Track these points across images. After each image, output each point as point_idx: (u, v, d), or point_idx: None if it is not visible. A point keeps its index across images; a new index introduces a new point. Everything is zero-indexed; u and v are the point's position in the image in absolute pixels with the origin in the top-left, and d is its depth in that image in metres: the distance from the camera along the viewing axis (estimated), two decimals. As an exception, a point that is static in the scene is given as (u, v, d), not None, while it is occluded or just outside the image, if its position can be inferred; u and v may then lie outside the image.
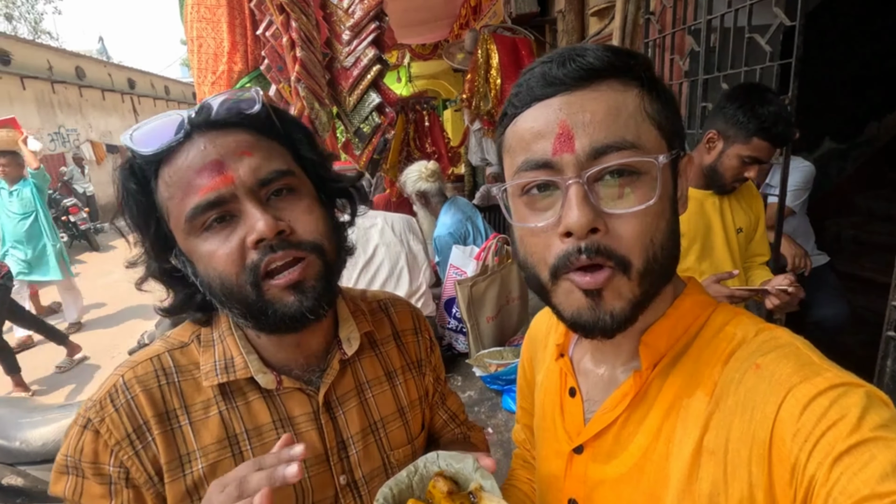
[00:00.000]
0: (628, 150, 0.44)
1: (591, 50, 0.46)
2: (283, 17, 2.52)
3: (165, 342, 0.65)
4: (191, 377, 0.63)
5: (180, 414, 0.60)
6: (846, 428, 0.37)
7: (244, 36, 2.84)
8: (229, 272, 0.56)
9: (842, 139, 4.00)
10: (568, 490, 0.57)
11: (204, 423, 0.61)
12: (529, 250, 0.49)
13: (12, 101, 10.29)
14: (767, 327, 0.48)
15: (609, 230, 0.44)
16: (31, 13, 21.33)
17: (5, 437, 1.73)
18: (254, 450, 0.61)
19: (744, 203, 1.70)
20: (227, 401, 0.62)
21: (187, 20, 2.83)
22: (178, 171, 0.56)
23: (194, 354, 0.64)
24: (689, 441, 0.46)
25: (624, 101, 0.45)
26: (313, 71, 2.60)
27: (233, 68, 2.83)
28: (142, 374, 0.61)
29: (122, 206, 0.60)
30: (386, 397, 0.73)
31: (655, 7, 2.31)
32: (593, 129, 0.44)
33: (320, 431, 0.65)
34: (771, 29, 1.67)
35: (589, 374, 0.58)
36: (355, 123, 2.92)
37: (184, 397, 0.61)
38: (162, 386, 0.61)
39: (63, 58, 12.22)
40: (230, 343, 0.64)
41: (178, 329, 0.68)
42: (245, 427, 0.62)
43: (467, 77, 3.46)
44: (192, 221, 0.56)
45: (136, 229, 0.61)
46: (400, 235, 2.10)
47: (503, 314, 1.92)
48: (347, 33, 2.73)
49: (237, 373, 0.62)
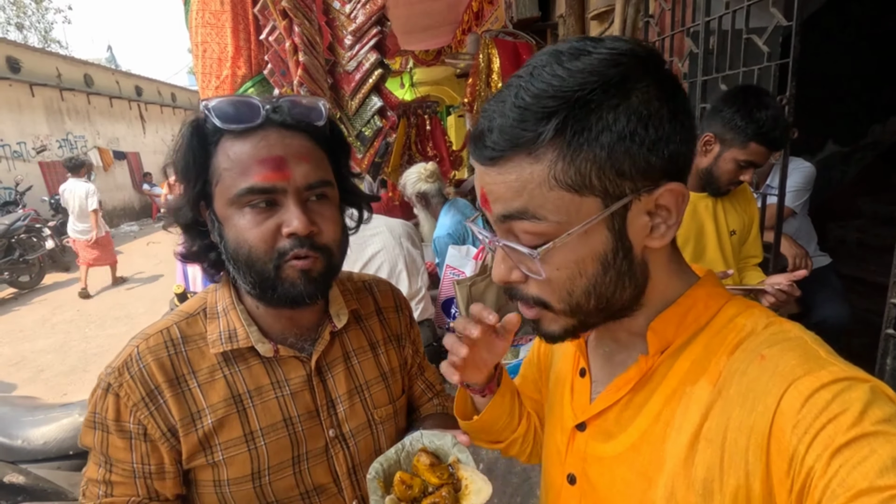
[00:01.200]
0: (528, 221, 0.46)
1: (496, 126, 0.45)
2: (286, 22, 2.55)
3: (175, 315, 0.75)
4: (196, 346, 0.72)
5: (189, 378, 0.70)
6: (847, 421, 0.37)
7: (248, 41, 2.88)
8: (259, 248, 0.66)
9: (845, 142, 3.98)
10: (568, 465, 0.60)
11: (211, 385, 0.71)
12: None
13: (21, 107, 10.43)
14: (778, 321, 0.48)
15: (528, 281, 0.50)
16: (42, 22, 21.69)
17: (7, 435, 1.74)
18: (255, 407, 0.72)
19: (738, 205, 1.71)
20: (231, 366, 0.72)
21: (192, 26, 2.87)
22: (245, 151, 0.65)
23: (200, 325, 0.74)
24: (689, 427, 0.46)
25: (531, 175, 0.44)
26: (316, 75, 2.63)
27: (236, 73, 2.87)
28: (153, 345, 0.70)
29: (177, 155, 0.68)
30: (370, 364, 0.84)
31: (654, 10, 2.33)
32: (498, 201, 0.47)
33: (312, 392, 0.76)
34: (768, 30, 1.68)
35: (600, 357, 0.61)
36: (357, 127, 2.95)
37: (191, 364, 0.71)
38: (171, 355, 0.70)
39: (72, 65, 12.39)
40: (233, 316, 0.73)
41: (187, 302, 0.78)
42: (247, 388, 0.72)
43: (469, 81, 3.48)
44: (241, 197, 0.65)
45: (183, 178, 0.69)
46: (399, 239, 2.13)
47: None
48: (350, 38, 2.76)
49: (240, 342, 0.72)
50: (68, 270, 8.21)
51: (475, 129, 0.48)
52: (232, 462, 0.70)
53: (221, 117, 0.65)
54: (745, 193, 1.72)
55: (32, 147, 10.57)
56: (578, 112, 0.42)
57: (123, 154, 13.92)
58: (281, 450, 0.72)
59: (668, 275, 0.53)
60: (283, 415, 0.73)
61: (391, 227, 2.18)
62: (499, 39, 3.26)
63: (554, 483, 0.63)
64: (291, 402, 0.74)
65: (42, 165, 10.67)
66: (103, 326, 5.49)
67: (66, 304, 6.47)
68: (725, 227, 1.69)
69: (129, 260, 8.95)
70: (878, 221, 3.80)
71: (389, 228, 2.15)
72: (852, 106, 3.86)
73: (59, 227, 8.24)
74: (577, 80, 0.42)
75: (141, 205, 14.49)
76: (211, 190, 0.68)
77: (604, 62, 0.43)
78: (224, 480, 0.70)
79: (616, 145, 0.43)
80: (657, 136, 0.43)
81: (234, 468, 0.70)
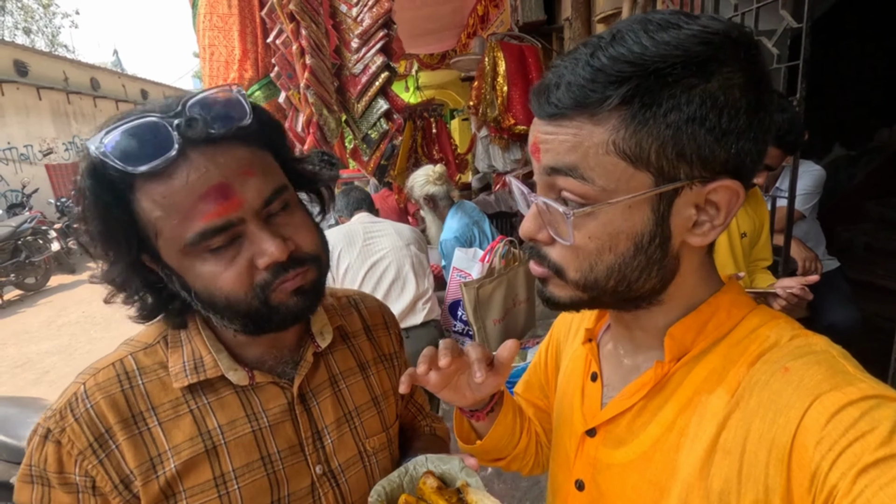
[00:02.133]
0: (574, 179, 0.44)
1: (564, 82, 0.43)
2: (293, 25, 2.56)
3: (129, 345, 0.63)
4: (156, 377, 0.60)
5: (147, 416, 0.58)
6: (875, 441, 0.35)
7: (255, 44, 2.89)
8: (237, 291, 0.56)
9: (852, 145, 3.97)
10: (577, 471, 0.58)
11: (174, 423, 0.59)
12: None
13: (29, 110, 10.51)
14: (804, 333, 0.46)
15: (553, 243, 0.49)
16: (49, 27, 21.87)
17: (14, 436, 1.74)
18: (227, 444, 0.60)
19: (749, 208, 1.71)
20: (198, 398, 0.61)
21: (199, 29, 2.89)
22: (175, 192, 0.52)
23: (160, 355, 0.62)
24: (704, 437, 0.45)
25: (589, 134, 0.43)
26: (322, 78, 2.64)
27: (243, 76, 2.88)
28: (103, 380, 0.59)
29: (87, 219, 0.54)
30: (360, 387, 0.73)
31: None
32: (550, 153, 0.46)
33: (295, 423, 0.65)
34: (777, 32, 1.67)
35: (612, 361, 0.59)
36: (363, 130, 2.95)
37: (150, 398, 0.59)
38: (125, 390, 0.59)
39: (78, 69, 12.50)
40: (198, 343, 0.62)
41: (144, 331, 0.65)
42: (218, 422, 0.60)
43: (474, 84, 3.48)
44: (195, 245, 0.54)
45: (104, 242, 0.55)
46: (407, 241, 2.12)
47: (510, 317, 1.91)
48: (356, 41, 2.77)
49: (207, 372, 0.61)
50: (74, 272, 8.25)
51: (540, 82, 0.46)
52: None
53: (124, 159, 0.51)
54: (756, 196, 1.72)
55: (39, 150, 10.65)
56: (652, 84, 0.40)
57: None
58: (258, 493, 0.61)
59: (697, 278, 0.51)
60: (260, 452, 0.62)
61: (399, 230, 2.17)
62: (504, 43, 3.26)
63: (561, 489, 0.62)
64: (270, 437, 0.63)
65: (48, 168, 10.75)
66: (108, 329, 5.50)
67: (72, 306, 6.50)
68: (737, 229, 1.68)
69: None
70: (885, 225, 3.78)
71: (397, 231, 2.15)
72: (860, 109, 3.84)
73: (64, 230, 8.29)
74: (659, 52, 0.40)
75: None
76: (151, 244, 0.56)
77: (692, 38, 0.40)
78: None
79: (683, 126, 0.41)
80: (728, 128, 0.41)
81: None
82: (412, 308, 2.04)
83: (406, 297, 2.03)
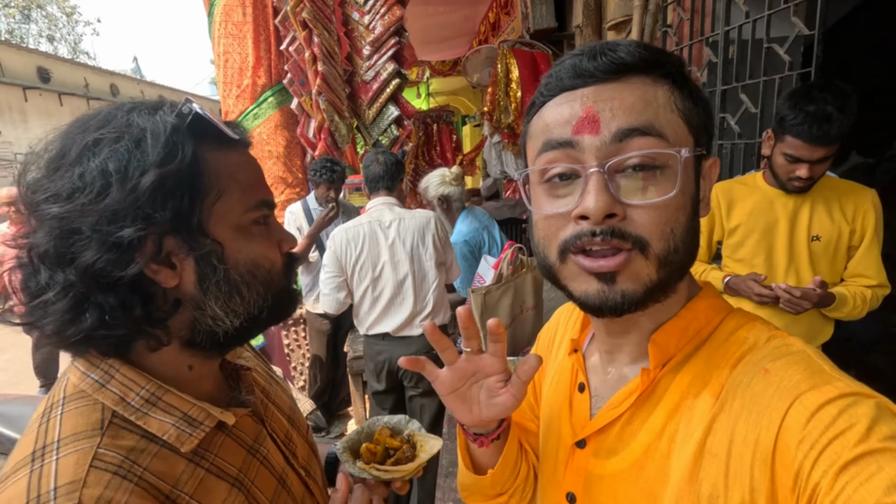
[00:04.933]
0: (654, 138, 0.44)
1: (623, 45, 0.46)
2: (305, 32, 2.60)
3: (75, 451, 0.45)
4: (150, 457, 0.49)
5: (178, 497, 0.50)
6: (854, 437, 0.36)
7: (268, 51, 2.94)
8: (278, 267, 0.59)
9: (869, 153, 3.90)
10: (567, 484, 0.57)
11: (205, 488, 0.53)
12: (542, 233, 0.49)
13: (50, 116, 10.79)
14: (780, 334, 0.47)
15: (626, 217, 0.44)
16: (72, 34, 22.48)
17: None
18: (254, 482, 0.58)
19: (837, 210, 1.52)
20: (204, 456, 0.54)
21: (215, 36, 2.95)
22: (242, 165, 0.56)
23: (131, 431, 0.49)
24: (692, 442, 0.45)
25: (654, 94, 0.45)
26: (334, 84, 2.67)
27: (257, 82, 2.93)
28: (103, 490, 0.44)
29: (160, 164, 0.48)
30: (279, 394, 0.73)
31: (673, 20, 2.32)
32: (621, 113, 0.44)
33: (274, 442, 0.65)
34: (789, 39, 1.66)
35: (599, 371, 0.58)
36: (374, 136, 2.98)
37: (165, 479, 0.49)
38: (139, 484, 0.47)
39: (99, 76, 12.81)
40: (170, 399, 0.52)
41: (65, 426, 0.47)
42: (234, 467, 0.57)
43: (488, 90, 3.50)
44: (253, 211, 0.56)
45: (165, 202, 0.49)
46: (410, 250, 2.01)
47: (517, 324, 1.90)
48: (368, 48, 2.80)
49: (204, 424, 0.53)
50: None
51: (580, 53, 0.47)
52: None
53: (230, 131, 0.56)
54: (857, 199, 1.52)
55: (59, 154, 10.94)
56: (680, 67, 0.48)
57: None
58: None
59: (686, 278, 0.51)
60: (275, 477, 0.62)
61: (415, 225, 2.03)
62: (517, 49, 3.28)
63: (551, 502, 0.61)
64: (272, 462, 0.63)
65: (68, 172, 11.02)
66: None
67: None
68: (807, 230, 1.53)
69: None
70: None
71: (401, 238, 2.02)
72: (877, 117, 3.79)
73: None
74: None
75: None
76: (198, 211, 0.51)
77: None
78: None
79: (701, 102, 0.48)
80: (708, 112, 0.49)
81: None
82: (409, 323, 2.02)
83: (403, 313, 2.01)
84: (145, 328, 0.50)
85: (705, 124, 0.48)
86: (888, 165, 3.93)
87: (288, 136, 3.06)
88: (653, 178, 0.44)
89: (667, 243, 0.45)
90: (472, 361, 0.57)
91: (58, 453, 0.45)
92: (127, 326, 0.49)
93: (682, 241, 0.46)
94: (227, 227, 0.54)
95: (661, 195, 0.44)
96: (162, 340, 0.52)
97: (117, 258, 0.47)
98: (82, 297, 0.48)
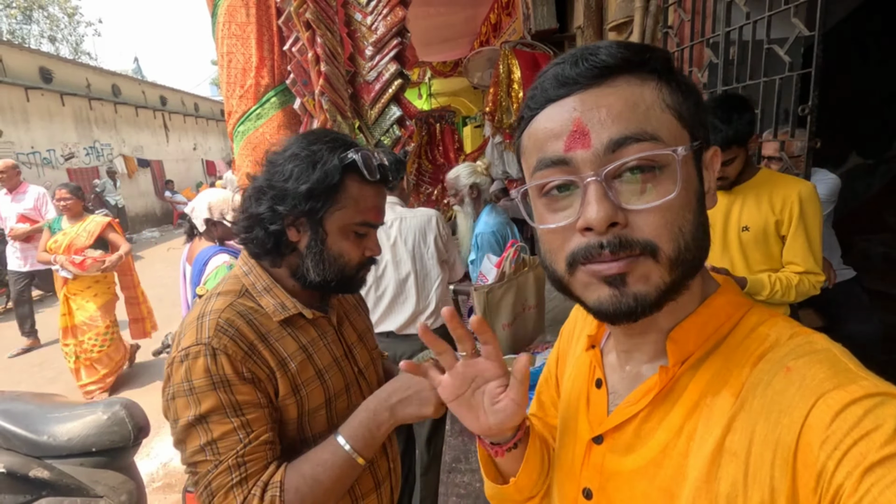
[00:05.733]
0: (648, 142, 0.43)
1: (603, 47, 0.45)
2: (309, 33, 2.61)
3: (223, 297, 0.89)
4: (258, 315, 0.88)
5: (267, 336, 0.87)
6: (881, 438, 0.35)
7: (271, 51, 2.95)
8: (354, 264, 0.94)
9: (869, 154, 3.91)
10: (584, 479, 0.57)
11: (283, 341, 0.89)
12: (548, 247, 0.49)
13: (52, 116, 10.81)
14: (803, 331, 0.46)
15: (630, 224, 0.44)
16: (73, 35, 22.51)
17: (34, 431, 1.78)
18: (315, 353, 0.93)
19: (765, 203, 1.62)
20: (288, 327, 0.91)
21: (218, 37, 2.96)
22: (369, 195, 0.92)
23: (251, 301, 0.90)
24: (711, 440, 0.45)
25: (641, 95, 0.44)
26: (337, 85, 2.68)
27: (260, 82, 2.94)
28: (231, 315, 0.85)
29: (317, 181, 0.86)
30: (358, 319, 1.11)
31: (674, 21, 2.33)
32: (610, 122, 0.43)
33: (340, 340, 1.01)
34: (790, 40, 1.67)
35: (616, 368, 0.58)
36: (376, 136, 2.99)
37: (263, 327, 0.87)
38: (249, 321, 0.86)
39: (100, 76, 12.83)
40: (277, 293, 0.92)
41: (223, 287, 0.92)
42: (306, 340, 0.93)
43: (490, 91, 3.52)
44: (357, 226, 0.91)
45: (308, 200, 0.86)
46: (412, 250, 2.02)
47: (519, 322, 1.91)
48: (370, 49, 2.82)
49: (290, 311, 0.91)
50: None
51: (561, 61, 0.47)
52: (312, 394, 0.90)
53: (369, 172, 0.90)
54: (787, 191, 1.60)
55: (61, 154, 10.93)
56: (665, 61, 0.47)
57: (147, 162, 14.30)
58: (338, 382, 0.95)
59: (701, 276, 0.50)
60: (332, 357, 0.96)
61: (417, 224, 2.04)
62: (518, 50, 3.29)
63: (568, 497, 0.60)
64: (332, 348, 0.97)
65: (70, 172, 11.01)
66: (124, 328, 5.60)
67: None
68: (737, 222, 1.65)
69: (150, 265, 9.13)
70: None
71: (403, 237, 2.03)
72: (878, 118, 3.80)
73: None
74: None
75: (162, 211, 14.81)
76: (322, 214, 0.89)
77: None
78: (307, 411, 0.89)
79: (691, 92, 0.47)
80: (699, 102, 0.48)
81: (313, 399, 0.90)
82: (413, 321, 2.03)
83: (406, 311, 2.02)
84: (274, 253, 0.92)
85: (697, 115, 0.47)
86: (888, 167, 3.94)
87: (291, 136, 3.09)
88: (652, 178, 0.44)
89: (677, 243, 0.44)
90: (470, 366, 0.56)
91: (216, 298, 0.88)
92: (267, 248, 0.91)
93: (692, 239, 0.45)
94: (335, 226, 0.90)
95: (663, 196, 0.43)
96: (280, 263, 0.93)
97: (272, 216, 0.89)
98: (250, 227, 0.91)
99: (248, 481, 0.78)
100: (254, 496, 0.77)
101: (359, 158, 0.88)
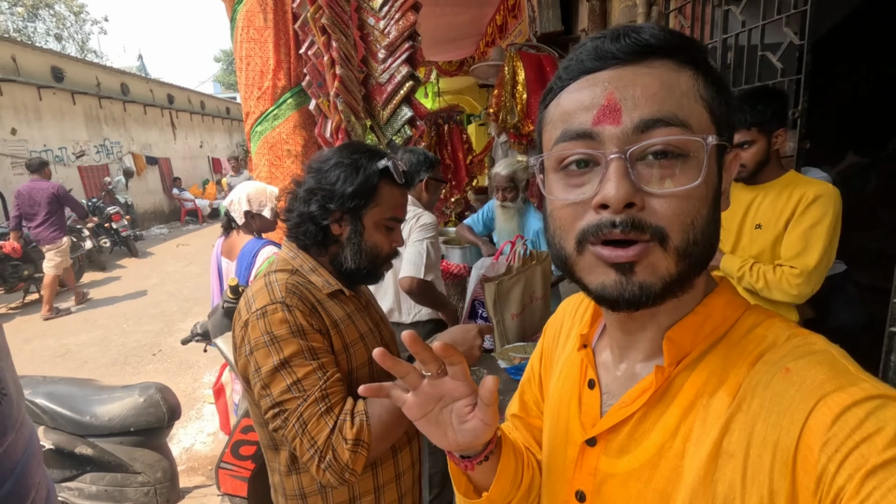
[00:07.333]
0: (678, 128, 0.42)
1: (647, 28, 0.45)
2: (324, 37, 2.74)
3: (279, 274, 1.04)
4: (309, 288, 1.04)
5: (321, 301, 1.04)
6: (882, 442, 0.35)
7: (288, 55, 3.08)
8: (383, 255, 1.11)
9: (865, 152, 4.00)
10: (576, 482, 0.56)
11: (332, 307, 1.06)
12: (559, 223, 0.48)
13: (63, 115, 10.96)
14: (801, 332, 0.46)
15: (646, 207, 0.43)
16: (79, 33, 22.65)
17: (78, 412, 1.93)
18: (356, 321, 1.09)
19: (783, 201, 1.64)
20: (333, 299, 1.07)
21: (237, 40, 3.09)
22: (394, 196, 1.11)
23: (303, 277, 1.06)
24: (707, 441, 0.44)
25: (678, 80, 0.43)
26: (350, 87, 2.81)
27: (277, 84, 3.07)
28: (291, 284, 1.01)
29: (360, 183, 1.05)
30: (376, 306, 1.26)
31: (674, 26, 2.44)
32: (644, 102, 0.42)
33: (370, 315, 1.17)
34: (782, 47, 1.79)
35: (610, 368, 0.57)
36: (388, 136, 3.11)
37: (315, 296, 1.03)
38: (305, 290, 1.02)
39: (110, 75, 12.97)
40: (323, 273, 1.09)
41: (275, 267, 1.09)
42: (348, 311, 1.09)
43: (494, 92, 3.62)
44: (386, 220, 1.10)
45: (353, 199, 1.04)
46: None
47: (527, 312, 2.04)
48: (383, 52, 2.94)
49: (333, 287, 1.08)
50: (104, 270, 8.59)
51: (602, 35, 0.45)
52: (357, 353, 1.06)
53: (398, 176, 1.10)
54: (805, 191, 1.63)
55: (72, 152, 11.08)
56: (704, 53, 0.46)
57: (155, 159, 14.45)
58: (375, 346, 1.01)
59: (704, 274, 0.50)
60: (367, 326, 1.13)
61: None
62: (523, 52, 3.40)
63: (559, 500, 0.59)
64: (366, 320, 1.14)
65: (80, 170, 11.18)
66: (139, 323, 5.76)
67: (104, 301, 6.79)
68: (752, 219, 1.70)
69: (160, 261, 9.30)
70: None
71: None
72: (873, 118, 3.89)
73: (96, 229, 8.65)
74: None
75: (170, 208, 14.98)
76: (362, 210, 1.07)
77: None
78: (354, 367, 1.05)
79: (724, 90, 0.46)
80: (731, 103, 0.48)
81: (359, 357, 1.06)
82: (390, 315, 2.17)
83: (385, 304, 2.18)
84: (321, 244, 1.09)
85: (727, 114, 0.46)
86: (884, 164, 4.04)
87: (306, 135, 3.20)
88: (676, 166, 0.43)
89: (686, 235, 0.43)
90: (436, 386, 0.54)
91: (277, 281, 1.01)
92: (316, 240, 1.08)
93: (702, 234, 0.44)
94: (371, 221, 1.09)
95: (685, 184, 0.43)
96: (323, 253, 1.10)
97: (321, 213, 1.06)
98: (302, 223, 1.08)
99: (333, 410, 0.93)
100: (344, 421, 0.92)
101: (391, 165, 1.08)
